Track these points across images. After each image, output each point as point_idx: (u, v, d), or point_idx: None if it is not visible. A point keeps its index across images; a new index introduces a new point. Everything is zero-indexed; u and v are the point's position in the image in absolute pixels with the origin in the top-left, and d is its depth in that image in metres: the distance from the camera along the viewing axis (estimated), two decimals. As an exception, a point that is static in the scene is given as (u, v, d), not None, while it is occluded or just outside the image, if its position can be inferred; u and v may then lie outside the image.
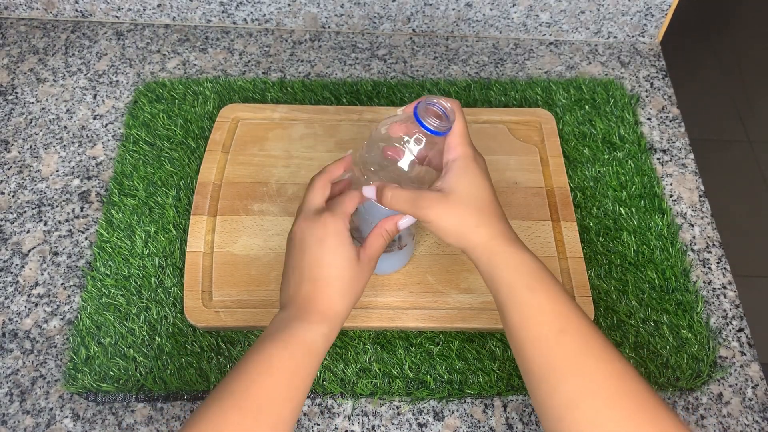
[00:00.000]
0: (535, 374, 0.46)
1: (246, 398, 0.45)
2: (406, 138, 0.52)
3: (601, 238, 0.71)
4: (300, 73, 0.87)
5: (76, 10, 0.91)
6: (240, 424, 0.45)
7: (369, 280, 0.53)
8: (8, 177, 0.76)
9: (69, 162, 0.77)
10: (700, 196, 0.76)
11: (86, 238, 0.71)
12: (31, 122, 0.81)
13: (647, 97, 0.86)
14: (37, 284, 0.68)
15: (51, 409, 0.61)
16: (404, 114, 0.53)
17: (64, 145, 0.79)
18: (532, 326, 0.47)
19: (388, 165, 0.53)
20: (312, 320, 0.49)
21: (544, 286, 0.48)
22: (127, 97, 0.84)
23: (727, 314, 0.67)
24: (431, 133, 0.50)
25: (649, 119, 0.83)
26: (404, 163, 0.52)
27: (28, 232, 0.72)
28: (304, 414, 0.61)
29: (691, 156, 0.80)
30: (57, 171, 0.77)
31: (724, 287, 0.69)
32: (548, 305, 0.47)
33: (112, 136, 0.80)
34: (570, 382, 0.44)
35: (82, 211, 0.74)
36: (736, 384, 0.63)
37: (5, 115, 0.82)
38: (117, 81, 0.85)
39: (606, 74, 0.89)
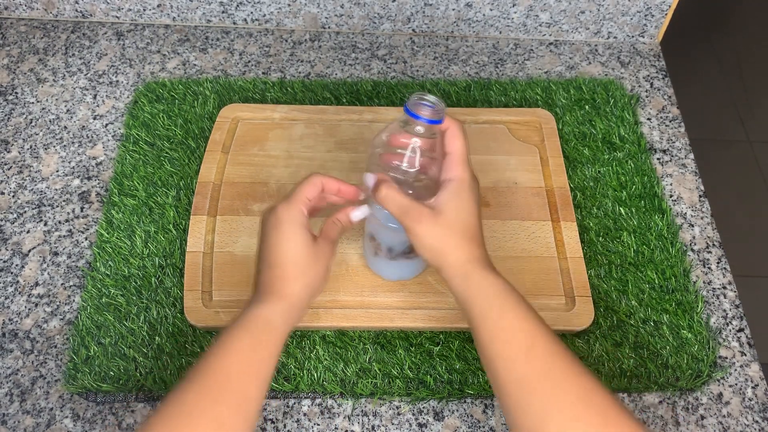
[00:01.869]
0: (506, 391, 0.47)
1: (208, 377, 0.47)
2: (405, 141, 0.54)
3: (601, 238, 0.71)
4: (300, 73, 0.87)
5: (76, 10, 0.91)
6: (201, 403, 0.45)
7: (331, 261, 0.55)
8: (8, 177, 0.76)
9: (69, 162, 0.77)
10: (700, 196, 0.76)
11: (86, 238, 0.71)
12: (31, 122, 0.81)
13: (647, 97, 0.86)
14: (37, 284, 0.68)
15: (51, 409, 0.61)
16: (393, 123, 0.55)
17: (64, 145, 0.79)
18: (502, 344, 0.48)
19: (391, 170, 0.55)
20: (268, 300, 0.51)
21: (513, 306, 0.50)
22: (127, 97, 0.84)
23: (727, 314, 0.67)
24: (427, 122, 0.52)
25: (649, 119, 0.83)
26: (406, 165, 0.54)
27: (28, 232, 0.72)
28: (304, 414, 0.61)
29: (691, 156, 0.80)
30: (57, 171, 0.77)
31: (724, 287, 0.69)
32: (517, 324, 0.49)
33: (112, 136, 0.80)
34: (539, 398, 0.46)
35: (82, 211, 0.74)
36: (736, 384, 0.63)
37: (5, 115, 0.82)
38: (117, 81, 0.86)
39: (606, 74, 0.89)
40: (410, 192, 0.54)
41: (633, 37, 0.92)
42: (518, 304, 0.50)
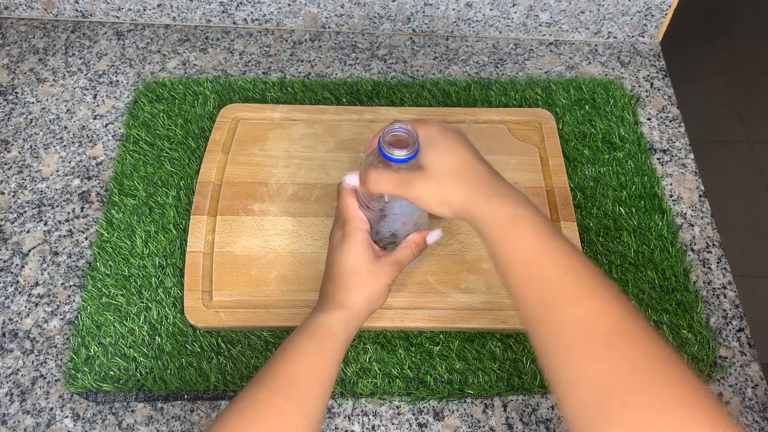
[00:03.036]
0: (519, 289, 0.48)
1: (275, 379, 0.50)
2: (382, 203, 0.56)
3: (601, 238, 0.71)
4: (300, 73, 0.87)
5: (76, 10, 0.91)
6: (270, 400, 0.49)
7: (393, 281, 0.57)
8: (8, 177, 0.76)
9: (69, 162, 0.77)
10: (700, 196, 0.76)
11: (86, 238, 0.71)
12: (31, 122, 0.81)
13: (647, 97, 0.86)
14: (37, 284, 0.68)
15: (51, 409, 0.61)
16: (371, 150, 0.56)
17: (64, 145, 0.79)
18: (507, 277, 0.49)
19: (383, 199, 0.57)
20: (330, 309, 0.55)
21: (514, 235, 0.49)
22: (127, 97, 0.84)
23: (727, 314, 0.67)
24: (403, 162, 0.53)
25: (649, 119, 0.83)
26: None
27: (28, 232, 0.72)
28: (304, 414, 0.61)
29: (691, 156, 0.80)
30: (57, 171, 0.77)
31: (724, 287, 0.69)
32: (518, 255, 0.48)
33: (112, 136, 0.80)
34: (546, 282, 0.46)
35: (82, 211, 0.74)
36: (736, 384, 0.63)
37: (5, 115, 0.82)
38: (117, 81, 0.86)
39: (606, 74, 0.89)
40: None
41: (633, 37, 0.92)
42: (522, 231, 0.49)
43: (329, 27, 0.92)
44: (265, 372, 0.51)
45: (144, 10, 0.91)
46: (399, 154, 0.52)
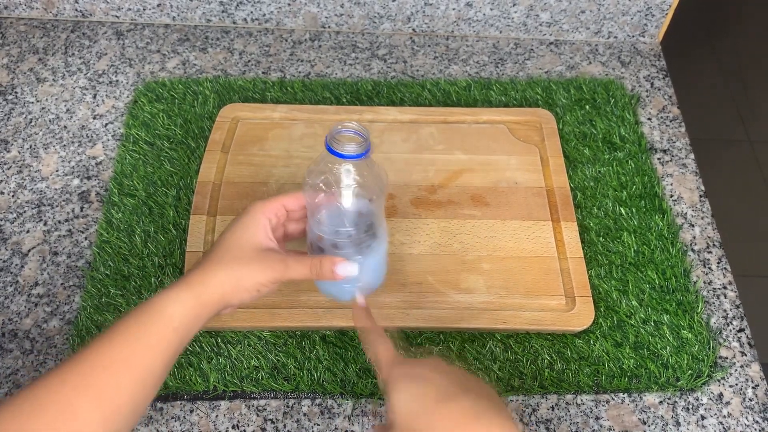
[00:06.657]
0: None
1: (74, 365, 0.43)
2: (334, 179, 0.50)
3: (601, 238, 0.71)
4: (300, 72, 0.87)
5: (76, 10, 0.91)
6: (57, 390, 0.42)
7: (270, 283, 0.49)
8: (8, 177, 0.76)
9: (69, 162, 0.77)
10: (700, 196, 0.76)
11: (86, 238, 0.71)
12: (31, 122, 0.81)
13: (647, 97, 0.86)
14: (36, 284, 0.68)
15: (51, 409, 0.61)
16: (315, 168, 0.52)
17: (64, 145, 0.79)
18: None
19: (333, 218, 0.51)
20: (172, 287, 0.47)
21: None
22: (127, 96, 0.84)
23: (727, 314, 0.67)
24: (355, 158, 0.48)
25: (649, 119, 0.83)
26: (347, 204, 0.51)
27: (27, 232, 0.72)
28: (304, 414, 0.61)
29: (692, 156, 0.80)
30: (57, 171, 0.77)
31: (725, 287, 0.69)
32: None
33: (112, 135, 0.80)
34: None
35: (81, 210, 0.73)
36: (737, 384, 0.63)
37: (5, 115, 0.82)
38: (117, 81, 0.85)
39: (606, 74, 0.88)
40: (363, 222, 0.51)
41: (633, 36, 0.92)
42: None
43: (329, 27, 0.92)
44: (72, 358, 0.43)
45: (144, 9, 0.91)
46: (350, 149, 0.48)
